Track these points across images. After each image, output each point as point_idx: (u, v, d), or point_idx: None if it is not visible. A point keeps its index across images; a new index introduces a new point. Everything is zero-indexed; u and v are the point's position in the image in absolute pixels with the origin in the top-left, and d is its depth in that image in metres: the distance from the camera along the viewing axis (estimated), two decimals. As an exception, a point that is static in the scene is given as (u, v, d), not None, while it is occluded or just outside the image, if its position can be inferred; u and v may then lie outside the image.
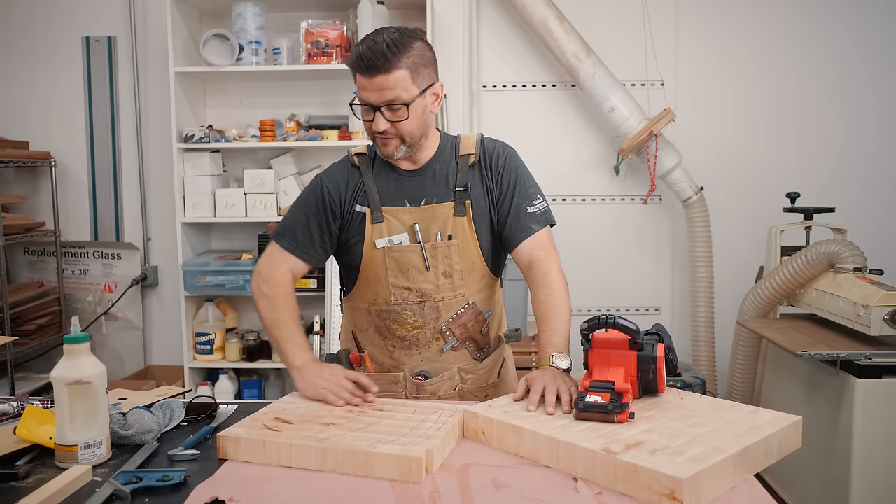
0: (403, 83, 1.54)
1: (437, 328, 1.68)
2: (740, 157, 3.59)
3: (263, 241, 3.42)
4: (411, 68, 1.54)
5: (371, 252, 1.66)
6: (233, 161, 3.67)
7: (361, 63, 1.53)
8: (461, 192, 1.67)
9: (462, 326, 1.70)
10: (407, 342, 1.69)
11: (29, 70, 3.71)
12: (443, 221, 1.66)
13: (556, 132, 3.61)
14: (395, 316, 1.68)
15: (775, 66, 3.55)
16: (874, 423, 2.38)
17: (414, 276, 1.66)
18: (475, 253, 1.68)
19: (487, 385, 1.76)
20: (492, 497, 1.12)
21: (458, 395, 1.72)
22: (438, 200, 1.67)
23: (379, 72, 1.52)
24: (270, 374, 3.67)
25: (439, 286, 1.66)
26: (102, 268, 3.76)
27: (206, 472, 1.23)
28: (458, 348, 1.71)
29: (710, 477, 1.09)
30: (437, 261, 1.66)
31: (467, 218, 1.66)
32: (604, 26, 3.51)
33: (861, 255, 2.73)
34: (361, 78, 1.55)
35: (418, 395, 1.70)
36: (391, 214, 1.66)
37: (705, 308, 3.42)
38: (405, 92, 1.54)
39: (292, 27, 3.49)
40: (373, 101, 1.55)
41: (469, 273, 1.68)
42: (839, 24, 3.52)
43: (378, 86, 1.53)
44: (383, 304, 1.68)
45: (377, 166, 1.71)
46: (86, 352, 1.28)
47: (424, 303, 1.67)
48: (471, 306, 1.70)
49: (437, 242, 1.66)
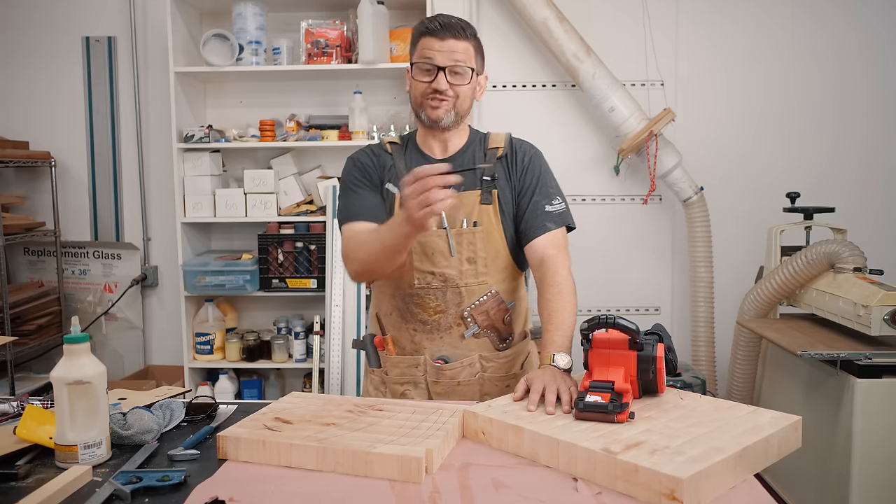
0: (468, 53, 1.66)
1: (459, 313, 1.71)
2: (740, 157, 3.59)
3: (263, 241, 3.43)
4: (476, 47, 1.68)
5: None
6: (233, 161, 3.67)
7: (436, 25, 1.63)
8: (488, 182, 1.71)
9: (484, 314, 1.72)
10: (428, 326, 1.72)
11: (29, 70, 3.71)
12: (469, 208, 1.70)
13: (556, 132, 3.61)
14: (417, 300, 1.71)
15: (776, 66, 3.55)
16: (874, 423, 2.38)
17: (438, 260, 1.69)
18: (500, 241, 1.71)
19: (508, 375, 1.76)
20: (492, 497, 1.12)
21: (478, 382, 1.74)
22: (466, 189, 1.69)
23: (452, 36, 1.63)
24: (270, 374, 3.67)
25: (463, 272, 1.69)
26: (102, 268, 3.76)
27: (206, 472, 1.23)
28: (479, 336, 1.73)
29: (709, 477, 1.09)
30: (462, 247, 1.69)
31: (493, 206, 1.70)
32: (604, 26, 3.52)
33: (861, 255, 2.73)
34: (430, 40, 1.64)
35: (437, 380, 1.72)
36: None
37: (705, 308, 3.42)
38: (469, 60, 1.66)
39: (292, 27, 3.49)
40: (439, 62, 1.63)
41: (493, 261, 1.71)
42: (842, 23, 3.52)
43: (448, 48, 1.63)
44: (407, 288, 1.71)
45: (408, 154, 1.77)
46: (86, 352, 1.28)
47: (447, 287, 1.69)
48: (494, 294, 1.72)
49: (463, 229, 1.69)
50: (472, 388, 1.73)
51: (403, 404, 1.46)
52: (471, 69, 1.66)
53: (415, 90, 1.68)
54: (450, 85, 1.64)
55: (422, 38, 1.66)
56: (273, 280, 3.44)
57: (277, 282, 3.45)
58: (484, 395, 1.74)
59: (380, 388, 1.79)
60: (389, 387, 1.77)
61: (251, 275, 3.41)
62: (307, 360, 3.48)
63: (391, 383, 1.77)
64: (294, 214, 3.46)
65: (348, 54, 3.37)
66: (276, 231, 3.47)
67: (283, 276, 3.44)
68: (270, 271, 3.44)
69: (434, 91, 1.64)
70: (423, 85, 1.65)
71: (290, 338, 3.51)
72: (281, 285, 3.45)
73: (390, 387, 1.77)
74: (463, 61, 1.64)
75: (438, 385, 1.73)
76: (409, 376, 1.74)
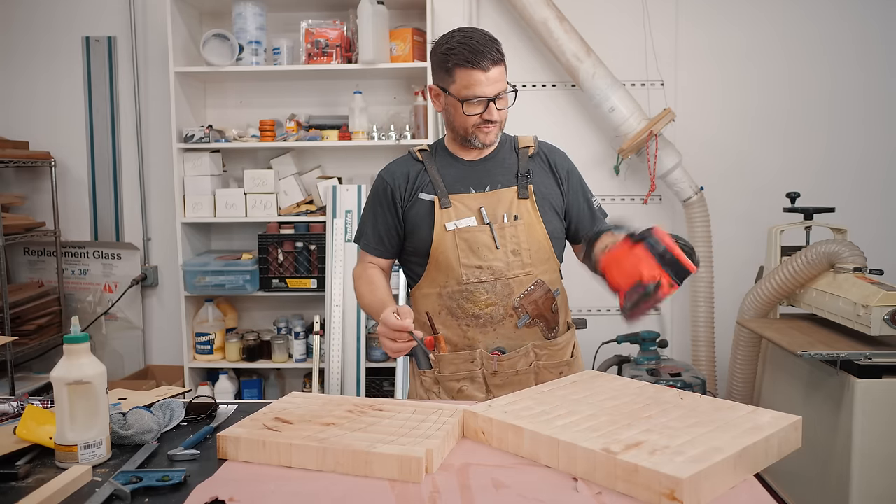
0: (504, 74, 1.70)
1: (509, 304, 1.74)
2: (740, 157, 3.59)
3: (263, 241, 3.43)
4: (504, 60, 1.71)
5: (442, 235, 1.74)
6: (233, 161, 3.67)
7: (478, 58, 1.65)
8: (523, 178, 1.78)
9: (533, 303, 1.76)
10: (481, 320, 1.74)
11: (29, 70, 3.71)
12: (508, 204, 1.75)
13: (556, 132, 3.60)
14: (468, 295, 1.74)
15: (777, 66, 3.55)
16: (874, 423, 2.39)
17: (484, 254, 1.73)
18: (541, 233, 1.76)
19: (561, 363, 1.81)
20: (492, 497, 1.12)
21: (533, 371, 1.78)
22: (502, 186, 1.77)
23: (494, 64, 1.66)
24: (270, 374, 3.67)
25: (509, 263, 1.73)
26: (102, 268, 3.76)
27: (206, 472, 1.23)
28: (531, 325, 1.76)
29: (709, 477, 1.09)
30: (506, 240, 1.74)
31: (531, 200, 1.76)
32: (604, 26, 3.52)
33: (861, 255, 2.73)
34: (475, 73, 1.65)
35: (496, 372, 1.75)
36: (458, 200, 1.76)
37: (705, 308, 3.42)
38: (505, 82, 1.71)
39: (292, 27, 3.49)
40: (488, 94, 1.68)
41: (536, 252, 1.76)
42: (842, 23, 3.52)
43: (494, 78, 1.67)
44: (455, 286, 1.74)
45: (439, 159, 1.82)
46: (86, 352, 1.28)
47: (496, 280, 1.73)
48: (540, 284, 1.77)
49: (504, 223, 1.74)
50: (528, 378, 1.77)
51: (403, 404, 1.46)
52: (511, 90, 1.72)
53: (463, 122, 1.72)
54: (498, 111, 1.71)
55: (460, 70, 1.66)
56: (273, 280, 3.44)
57: (277, 282, 3.45)
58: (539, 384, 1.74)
59: (432, 388, 1.80)
60: (444, 385, 1.79)
61: (251, 275, 3.41)
62: (307, 360, 3.48)
63: (445, 381, 1.78)
64: (294, 214, 3.46)
65: (348, 54, 3.37)
66: (276, 231, 3.47)
67: (283, 276, 3.44)
68: (270, 271, 3.44)
69: (486, 121, 1.70)
70: (474, 117, 1.70)
71: (290, 338, 3.51)
72: (281, 285, 3.45)
73: (444, 385, 1.79)
74: (505, 87, 1.70)
75: (497, 377, 1.76)
76: (465, 372, 1.77)
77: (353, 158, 3.65)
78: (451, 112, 1.74)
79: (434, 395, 1.80)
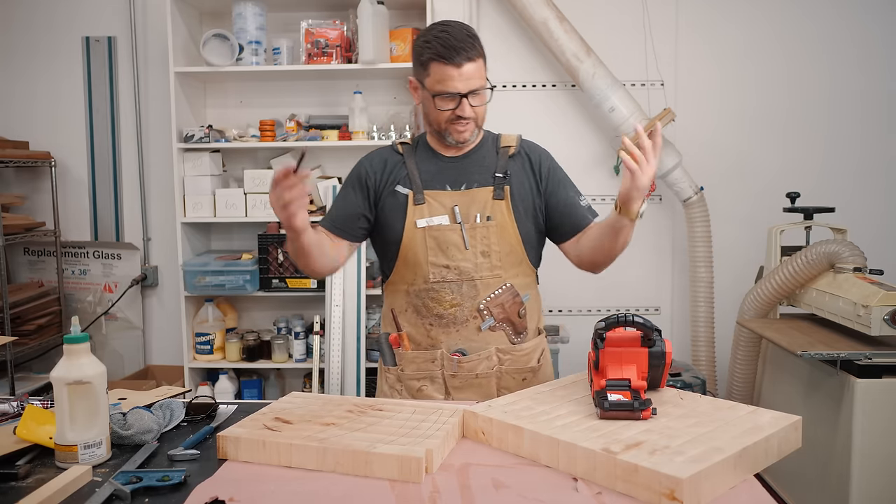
0: (481, 70, 1.66)
1: (474, 306, 1.72)
2: (740, 157, 3.59)
3: (263, 241, 3.43)
4: (483, 56, 1.67)
5: (412, 231, 1.72)
6: (233, 161, 3.67)
7: (451, 53, 1.61)
8: (500, 178, 1.75)
9: (500, 306, 1.73)
10: (444, 320, 1.73)
11: (29, 70, 3.71)
12: (482, 204, 1.73)
13: (556, 132, 3.61)
14: (433, 294, 1.72)
15: (777, 66, 3.55)
16: (874, 423, 2.39)
17: (453, 254, 1.71)
18: (513, 235, 1.74)
19: (525, 369, 1.78)
20: (492, 497, 1.12)
21: (495, 375, 1.75)
22: (479, 185, 1.75)
23: (468, 60, 1.62)
24: (270, 374, 3.67)
25: (478, 265, 1.71)
26: (102, 268, 3.76)
27: (206, 472, 1.23)
28: (495, 328, 1.74)
29: (709, 477, 1.09)
30: (476, 240, 1.72)
31: (506, 202, 1.73)
32: (604, 26, 3.51)
33: (861, 255, 2.73)
34: (447, 68, 1.62)
35: (455, 374, 1.73)
36: (432, 197, 1.74)
37: (705, 308, 3.42)
38: (482, 79, 1.67)
39: (292, 27, 3.49)
40: (461, 90, 1.64)
41: (507, 255, 1.73)
42: (842, 22, 3.52)
43: (467, 74, 1.63)
44: (422, 284, 1.73)
45: (420, 153, 1.80)
46: (86, 352, 1.28)
47: (462, 281, 1.71)
48: (508, 288, 1.74)
49: (476, 223, 1.72)
50: (489, 382, 1.74)
51: (403, 404, 1.46)
52: (488, 88, 1.68)
53: (437, 116, 1.69)
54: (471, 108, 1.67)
55: (434, 64, 1.64)
56: (273, 280, 3.44)
57: (277, 282, 3.45)
58: (501, 390, 1.75)
59: (395, 385, 1.79)
60: (405, 384, 1.77)
61: (251, 275, 3.41)
62: (307, 360, 3.48)
63: (407, 380, 1.77)
64: (328, 203, 3.44)
65: (348, 54, 3.37)
66: (276, 231, 3.47)
67: (283, 276, 3.44)
68: (270, 271, 3.44)
69: (458, 117, 1.67)
70: (447, 112, 1.68)
71: (290, 338, 3.50)
72: (281, 285, 3.45)
73: (406, 384, 1.77)
74: (481, 83, 1.66)
75: (456, 379, 1.74)
76: (425, 371, 1.75)
77: (353, 158, 3.57)
78: (427, 106, 1.71)
79: (397, 392, 1.79)
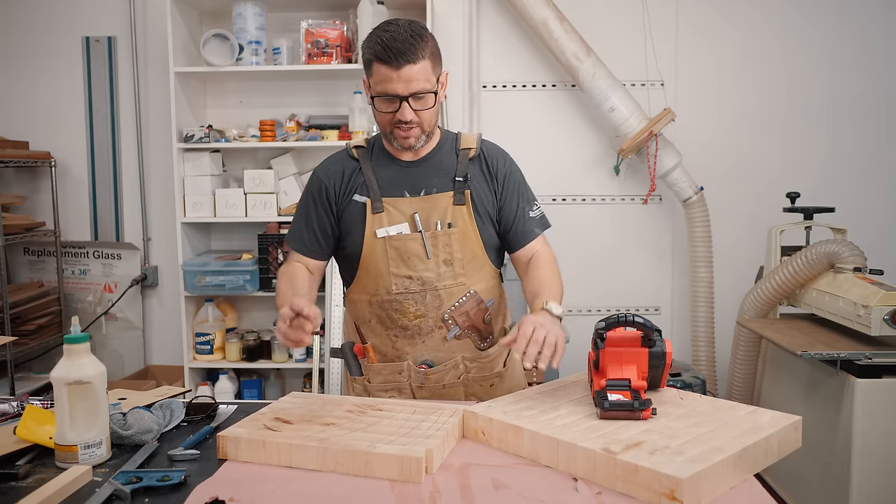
0: (426, 73, 1.57)
1: (439, 316, 1.69)
2: (740, 157, 3.59)
3: (263, 241, 3.43)
4: (431, 58, 1.58)
5: (372, 242, 1.67)
6: (233, 161, 3.67)
7: (389, 54, 1.53)
8: (461, 183, 1.69)
9: (464, 315, 1.70)
10: (409, 331, 1.69)
11: (29, 70, 3.71)
12: (442, 210, 1.67)
13: (556, 132, 3.61)
14: (396, 305, 1.68)
15: (776, 66, 3.55)
16: (874, 423, 2.38)
17: (415, 264, 1.66)
18: (475, 242, 1.69)
19: (492, 374, 1.75)
20: (492, 497, 1.12)
21: (462, 384, 1.73)
22: (438, 190, 1.68)
23: (408, 62, 1.53)
24: (270, 374, 3.67)
25: (440, 274, 1.67)
26: (102, 268, 3.76)
27: (206, 472, 1.23)
28: (461, 337, 1.71)
29: (709, 477, 1.09)
30: (438, 249, 1.67)
31: (467, 207, 1.68)
32: (604, 26, 3.51)
33: (861, 255, 2.73)
34: (386, 69, 1.54)
35: (423, 385, 1.70)
36: (391, 205, 1.68)
37: (705, 308, 3.42)
38: (428, 82, 1.57)
39: (292, 27, 3.49)
40: (400, 92, 1.56)
41: (470, 261, 1.69)
42: (841, 22, 3.52)
43: (406, 77, 1.54)
44: (385, 295, 1.68)
45: (376, 158, 1.72)
46: (86, 352, 1.28)
47: (426, 291, 1.67)
48: (472, 295, 1.71)
49: (437, 231, 1.67)
50: (456, 390, 1.73)
51: (403, 404, 1.46)
52: (433, 92, 1.59)
53: (380, 119, 1.62)
54: (414, 112, 1.58)
55: (374, 65, 1.56)
56: (273, 280, 3.44)
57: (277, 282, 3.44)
58: (469, 396, 1.74)
59: (362, 395, 1.76)
60: (372, 394, 1.74)
61: (251, 275, 3.41)
62: (307, 360, 3.48)
63: (374, 391, 1.74)
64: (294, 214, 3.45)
65: (348, 54, 3.37)
66: (276, 231, 3.47)
67: (283, 276, 3.44)
68: (270, 271, 3.44)
69: (399, 121, 1.59)
70: (388, 115, 1.60)
71: (290, 338, 3.50)
72: (281, 285, 3.44)
73: (373, 394, 1.74)
74: (423, 87, 1.56)
75: (423, 390, 1.72)
76: (392, 383, 1.72)
77: (353, 158, 3.64)
78: (373, 107, 1.63)
79: None
